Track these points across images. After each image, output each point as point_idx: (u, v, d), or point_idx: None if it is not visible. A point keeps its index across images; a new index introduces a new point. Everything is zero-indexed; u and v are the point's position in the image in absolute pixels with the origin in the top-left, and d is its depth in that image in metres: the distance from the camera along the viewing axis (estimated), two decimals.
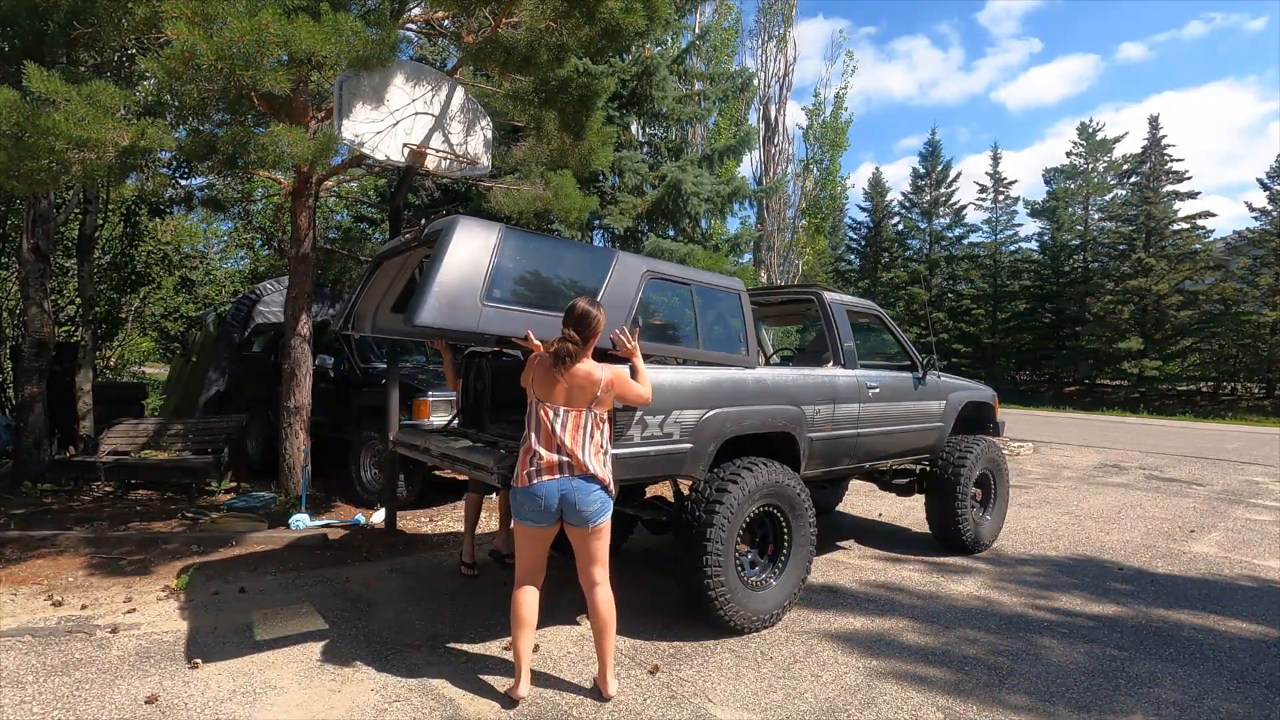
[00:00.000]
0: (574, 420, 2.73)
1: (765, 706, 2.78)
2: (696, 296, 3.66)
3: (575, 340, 2.70)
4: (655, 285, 3.51)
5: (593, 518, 2.74)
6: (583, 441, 2.73)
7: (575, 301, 2.78)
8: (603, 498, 2.74)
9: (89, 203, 8.28)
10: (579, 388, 2.71)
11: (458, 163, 5.33)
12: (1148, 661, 3.27)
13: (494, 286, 2.94)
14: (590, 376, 2.72)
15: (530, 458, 2.72)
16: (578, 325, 2.72)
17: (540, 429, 2.73)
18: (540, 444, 2.71)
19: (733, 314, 3.83)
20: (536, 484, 2.69)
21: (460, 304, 2.84)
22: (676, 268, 3.69)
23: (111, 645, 3.23)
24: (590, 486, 2.72)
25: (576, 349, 2.70)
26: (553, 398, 2.73)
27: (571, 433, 2.72)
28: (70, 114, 3.76)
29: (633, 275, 3.36)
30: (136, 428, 7.09)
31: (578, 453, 2.71)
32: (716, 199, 11.25)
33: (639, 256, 3.49)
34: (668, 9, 5.40)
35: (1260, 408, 20.94)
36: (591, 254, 3.60)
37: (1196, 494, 7.64)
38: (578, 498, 2.70)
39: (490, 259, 2.95)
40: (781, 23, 25.61)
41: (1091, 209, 26.91)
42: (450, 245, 2.89)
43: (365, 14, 5.16)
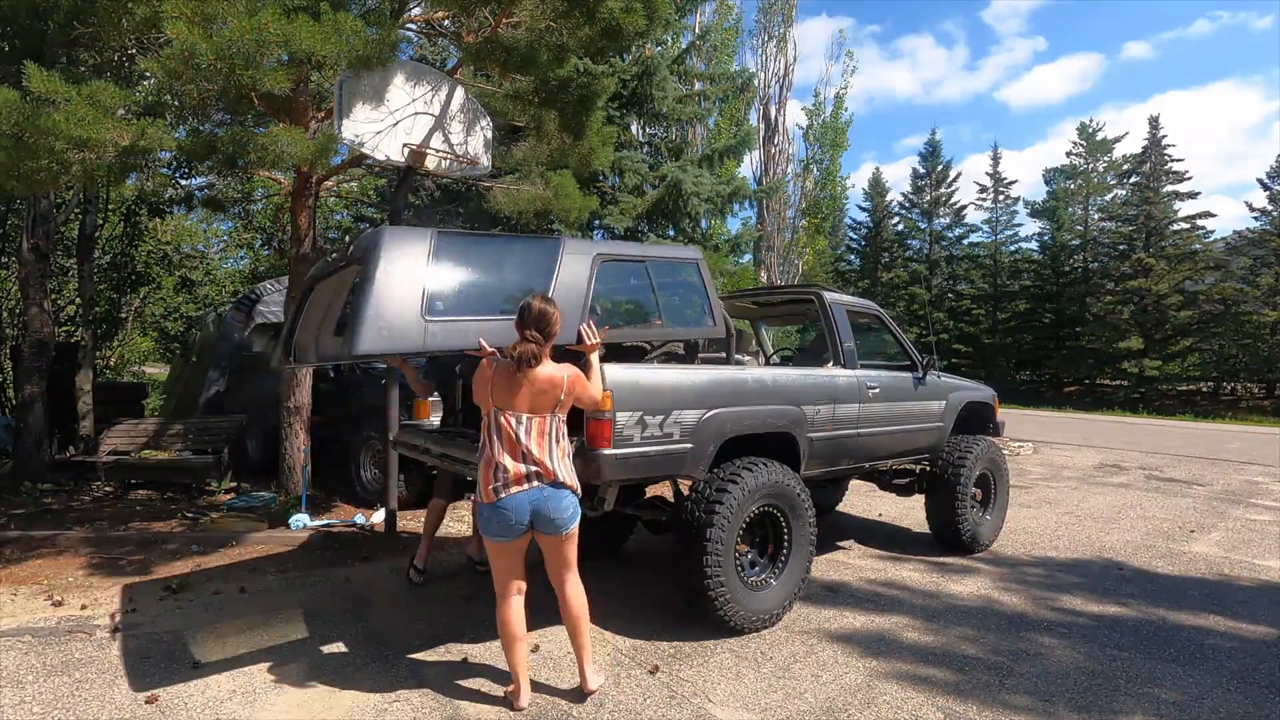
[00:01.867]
0: (539, 427, 2.63)
1: (765, 706, 2.78)
2: (653, 273, 3.50)
3: (538, 340, 2.59)
4: (609, 268, 3.34)
5: (566, 525, 2.67)
6: (549, 448, 2.64)
7: (529, 300, 2.64)
8: (574, 503, 2.68)
9: (89, 203, 8.28)
10: (542, 392, 2.60)
11: (458, 163, 5.33)
12: (1148, 661, 3.27)
13: (435, 299, 2.76)
14: (553, 379, 2.62)
15: (494, 471, 2.60)
16: (538, 324, 2.60)
17: (503, 439, 2.61)
18: (505, 455, 2.59)
19: (694, 285, 3.67)
20: (505, 498, 2.58)
21: (400, 325, 2.67)
22: (628, 246, 3.56)
23: (111, 645, 3.23)
24: (562, 493, 2.64)
25: (540, 350, 2.59)
26: (514, 405, 2.61)
27: (538, 440, 2.62)
28: (70, 114, 3.76)
29: (583, 262, 3.19)
30: (136, 428, 7.09)
31: (546, 460, 2.61)
32: (716, 199, 11.24)
33: (586, 241, 3.37)
34: (668, 9, 5.41)
35: (1260, 408, 20.93)
36: (536, 246, 3.40)
37: (1196, 494, 7.64)
38: (550, 507, 2.62)
39: (426, 270, 2.76)
40: (781, 23, 25.64)
41: (1091, 209, 26.89)
42: (379, 263, 2.68)
43: (365, 14, 5.15)
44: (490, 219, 9.96)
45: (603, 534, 4.73)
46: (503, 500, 2.58)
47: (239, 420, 7.32)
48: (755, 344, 6.11)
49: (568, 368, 2.68)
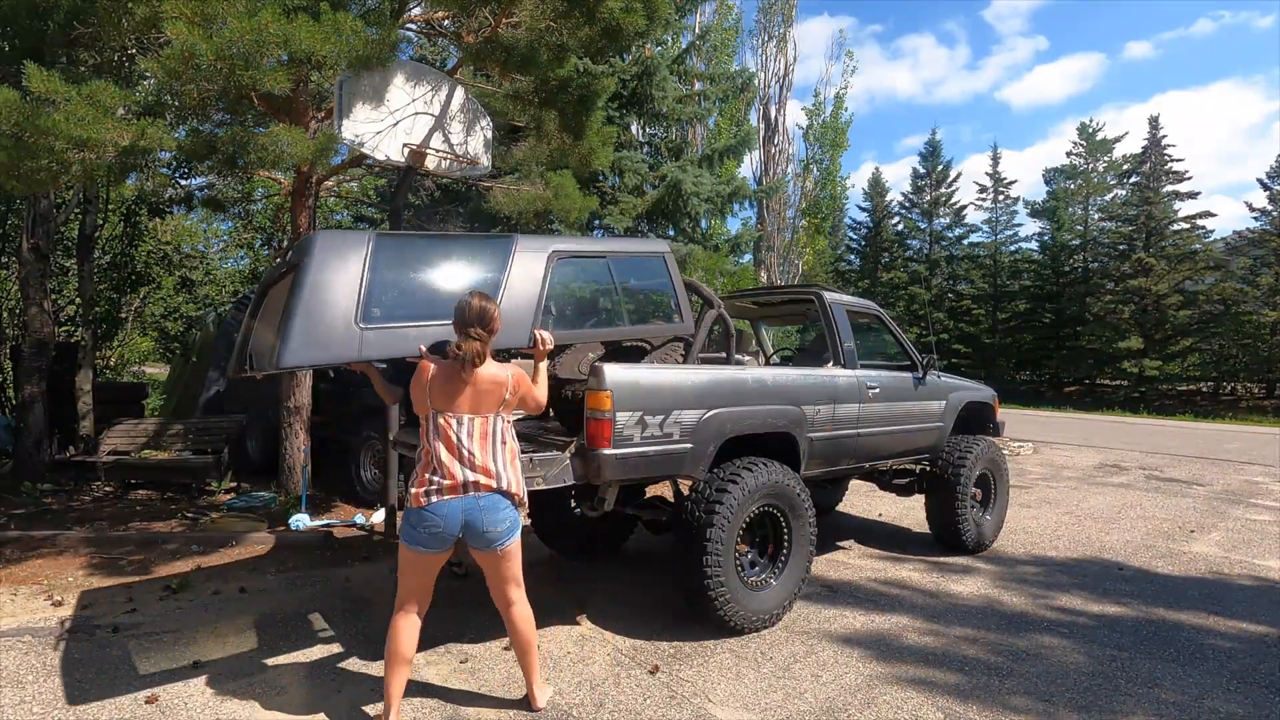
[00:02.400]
0: (481, 428, 2.49)
1: (765, 706, 2.78)
2: (615, 269, 3.36)
3: (484, 338, 2.46)
4: (566, 265, 3.21)
5: (500, 540, 2.50)
6: (493, 450, 2.51)
7: (468, 299, 2.49)
8: (512, 516, 2.52)
9: (89, 203, 8.28)
10: (486, 391, 2.48)
11: (458, 163, 5.33)
12: (1148, 662, 3.27)
13: (372, 305, 2.62)
14: (497, 379, 2.50)
15: (430, 475, 2.44)
16: (480, 321, 2.46)
17: (444, 442, 2.45)
18: (444, 459, 2.43)
19: (660, 281, 3.53)
20: (436, 503, 2.42)
21: (332, 334, 2.53)
22: (586, 241, 3.47)
23: (112, 645, 3.23)
24: (499, 504, 2.48)
25: (484, 347, 2.46)
26: (455, 406, 2.47)
27: (480, 442, 2.48)
28: (70, 114, 3.76)
29: (537, 259, 3.06)
30: (136, 428, 7.09)
31: (489, 464, 2.48)
32: (716, 199, 11.25)
33: (542, 237, 3.23)
34: (668, 9, 5.41)
35: (1260, 408, 20.92)
36: (486, 245, 3.27)
37: (1196, 494, 7.64)
38: (484, 519, 2.46)
39: (363, 275, 2.62)
40: (781, 23, 25.64)
41: (1091, 209, 26.89)
42: (309, 269, 2.55)
43: (365, 14, 5.16)
44: (490, 219, 9.97)
45: (603, 534, 4.74)
46: (433, 505, 2.42)
47: (239, 420, 7.32)
48: (755, 344, 6.11)
49: (511, 366, 2.59)
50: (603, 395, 3.05)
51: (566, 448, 3.11)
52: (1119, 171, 26.33)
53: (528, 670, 2.70)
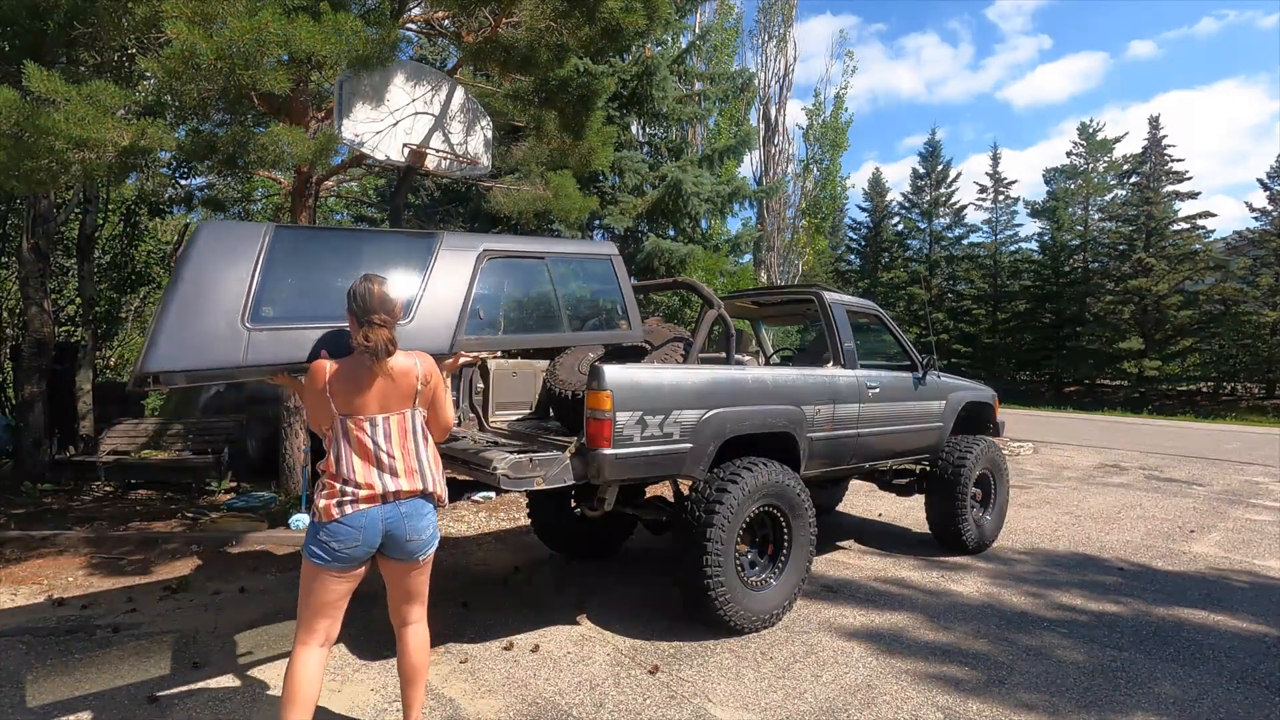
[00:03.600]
0: (399, 425, 2.23)
1: (765, 706, 2.78)
2: (556, 271, 3.16)
3: (391, 324, 2.19)
4: (498, 266, 3.00)
5: (423, 549, 2.27)
6: (415, 449, 2.25)
7: (366, 285, 2.19)
8: (434, 522, 2.30)
9: (89, 203, 8.28)
10: (397, 385, 2.22)
11: (458, 163, 5.34)
12: (1148, 661, 3.27)
13: (263, 304, 2.38)
14: (406, 369, 2.23)
15: (340, 484, 2.15)
16: (385, 307, 2.18)
17: (355, 447, 2.17)
18: (356, 466, 2.16)
19: (607, 284, 3.34)
20: (352, 514, 2.13)
21: (211, 336, 2.26)
22: (523, 240, 3.22)
23: (112, 645, 3.23)
24: (423, 509, 2.25)
25: (393, 334, 2.19)
26: (363, 407, 2.18)
27: (400, 442, 2.22)
28: (70, 114, 3.77)
29: (464, 259, 2.84)
30: (136, 428, 7.09)
31: (413, 465, 2.23)
32: (716, 199, 11.26)
33: (472, 235, 3.07)
34: (668, 9, 5.41)
35: (1260, 408, 20.92)
36: (406, 241, 3.03)
37: (1196, 494, 7.64)
38: (408, 527, 2.21)
39: (255, 271, 2.38)
40: (782, 23, 25.64)
41: (1091, 209, 26.88)
42: (187, 264, 2.32)
43: (365, 14, 5.16)
44: (490, 219, 9.98)
45: (603, 534, 4.74)
46: (349, 517, 2.13)
47: (239, 420, 7.32)
48: (755, 344, 6.11)
49: (419, 355, 2.31)
50: (603, 395, 3.05)
51: (566, 448, 3.11)
52: (1119, 171, 26.32)
53: (410, 705, 2.36)
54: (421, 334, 2.58)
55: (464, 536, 5.37)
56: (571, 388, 3.72)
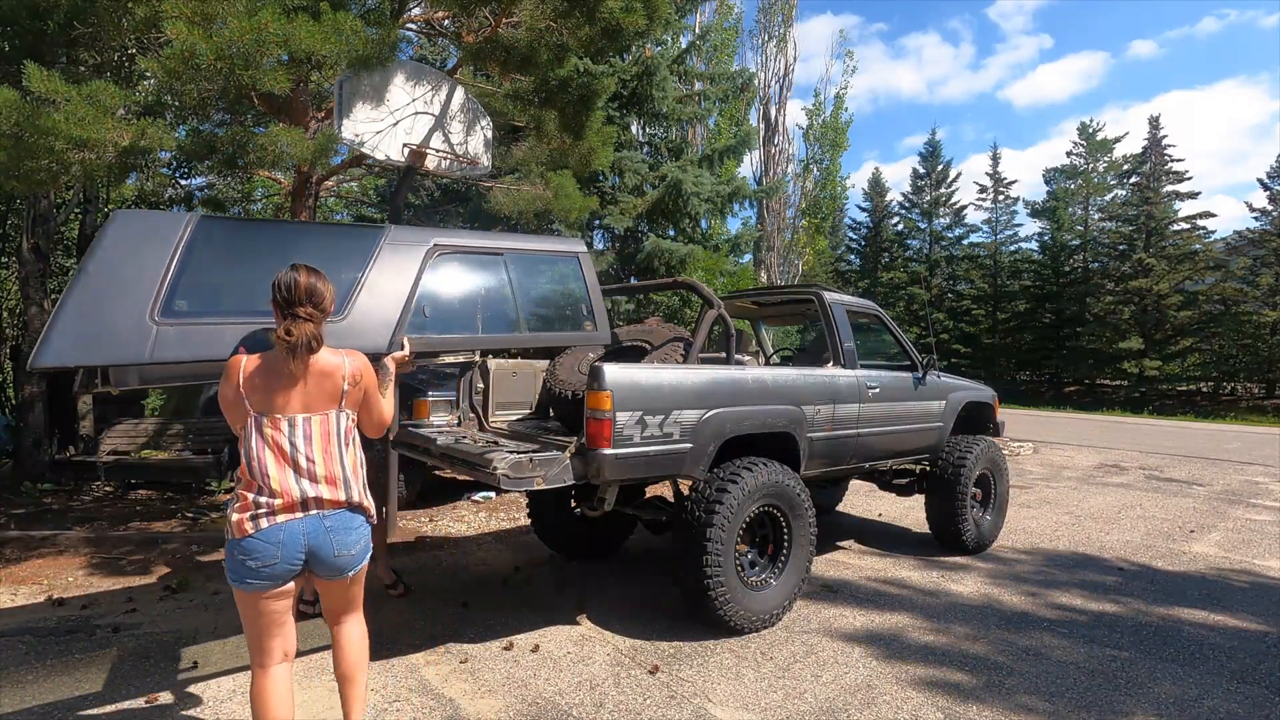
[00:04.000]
0: (321, 428, 2.04)
1: (765, 706, 2.78)
2: (515, 268, 3.02)
3: (317, 318, 2.02)
4: (451, 261, 2.86)
5: (354, 564, 2.10)
6: (339, 455, 2.06)
7: (292, 275, 2.02)
8: (366, 535, 2.13)
9: (89, 203, 8.29)
10: (320, 384, 2.04)
11: (458, 163, 5.34)
12: (1148, 661, 3.27)
13: (177, 297, 2.25)
14: (331, 366, 2.05)
15: (253, 495, 1.96)
16: (311, 298, 2.02)
17: (272, 451, 1.98)
18: (270, 470, 1.97)
19: (573, 283, 3.20)
20: (267, 529, 1.94)
21: (112, 329, 2.14)
22: (480, 236, 3.09)
23: (112, 645, 3.23)
24: (351, 522, 2.07)
25: (319, 330, 2.02)
26: (283, 406, 2.00)
27: (322, 445, 2.03)
28: (70, 114, 3.77)
29: (411, 254, 2.71)
30: (136, 428, 7.09)
31: (335, 471, 2.04)
32: (716, 199, 11.26)
33: (423, 229, 2.95)
34: (668, 9, 5.41)
35: (1260, 408, 20.92)
36: (346, 234, 2.92)
37: (1196, 494, 7.64)
38: (335, 541, 2.03)
39: (170, 262, 2.27)
40: (782, 23, 25.64)
41: (1091, 209, 26.89)
42: (95, 252, 2.20)
43: (365, 14, 5.16)
44: (490, 219, 9.97)
45: (603, 534, 4.74)
46: (264, 532, 1.94)
47: None
48: (755, 344, 6.11)
49: (351, 353, 2.14)
50: (603, 395, 3.05)
51: (566, 448, 3.11)
52: (1119, 171, 26.32)
53: (350, 706, 2.24)
54: (355, 331, 2.46)
55: (464, 536, 5.37)
56: (571, 388, 3.72)
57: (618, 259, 11.27)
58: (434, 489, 6.38)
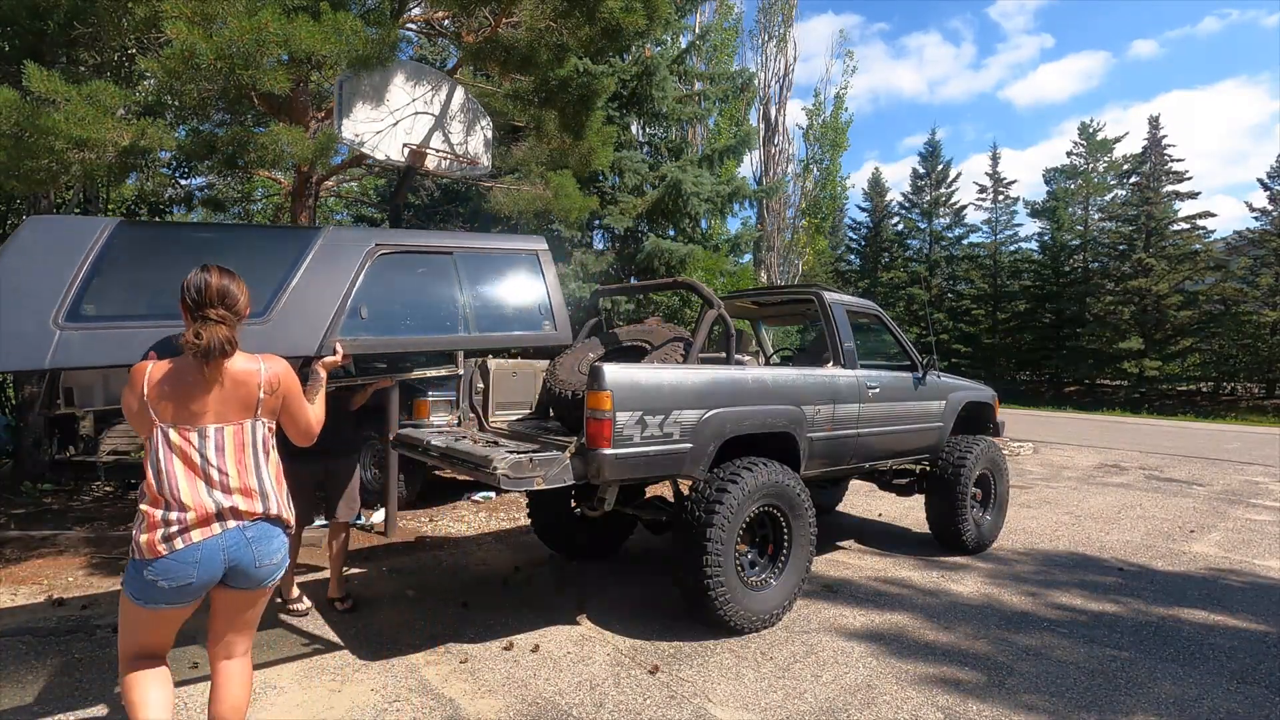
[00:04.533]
0: (235, 438, 1.92)
1: (765, 706, 2.78)
2: (464, 267, 2.92)
3: (230, 321, 1.90)
4: (394, 262, 2.75)
5: (274, 574, 1.99)
6: (254, 465, 1.95)
7: (203, 275, 1.91)
8: (285, 546, 2.02)
9: (89, 203, 8.29)
10: (234, 391, 1.93)
11: (458, 163, 5.34)
12: (1148, 661, 3.27)
13: (85, 302, 2.19)
14: (246, 373, 1.94)
15: (162, 511, 1.82)
16: (224, 300, 1.90)
17: (182, 464, 1.86)
18: (181, 484, 1.84)
19: (532, 282, 3.10)
20: (184, 549, 1.81)
21: (13, 335, 2.08)
22: (428, 235, 3.00)
23: (111, 645, 3.22)
24: (271, 533, 1.96)
25: (232, 334, 1.90)
26: (193, 415, 1.88)
27: (236, 456, 1.92)
28: (70, 114, 3.77)
29: (349, 254, 2.62)
30: None
31: (251, 482, 1.93)
32: (716, 199, 11.27)
33: (364, 229, 2.81)
34: (668, 9, 5.41)
35: (1260, 408, 20.92)
36: (277, 236, 2.82)
37: (1196, 494, 7.64)
38: (258, 553, 1.91)
39: (81, 266, 2.21)
40: (782, 23, 25.64)
41: (1091, 209, 26.90)
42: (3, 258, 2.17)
43: (365, 14, 5.16)
44: (490, 219, 9.98)
45: (603, 534, 4.74)
46: (179, 553, 1.81)
47: None
48: (755, 344, 6.11)
49: (269, 358, 2.02)
50: (603, 395, 3.05)
51: (566, 448, 3.11)
52: (1119, 171, 26.33)
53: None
54: (279, 334, 2.38)
55: (464, 536, 5.37)
56: (571, 388, 3.72)
57: (618, 259, 11.27)
58: (434, 489, 6.38)
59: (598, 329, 4.46)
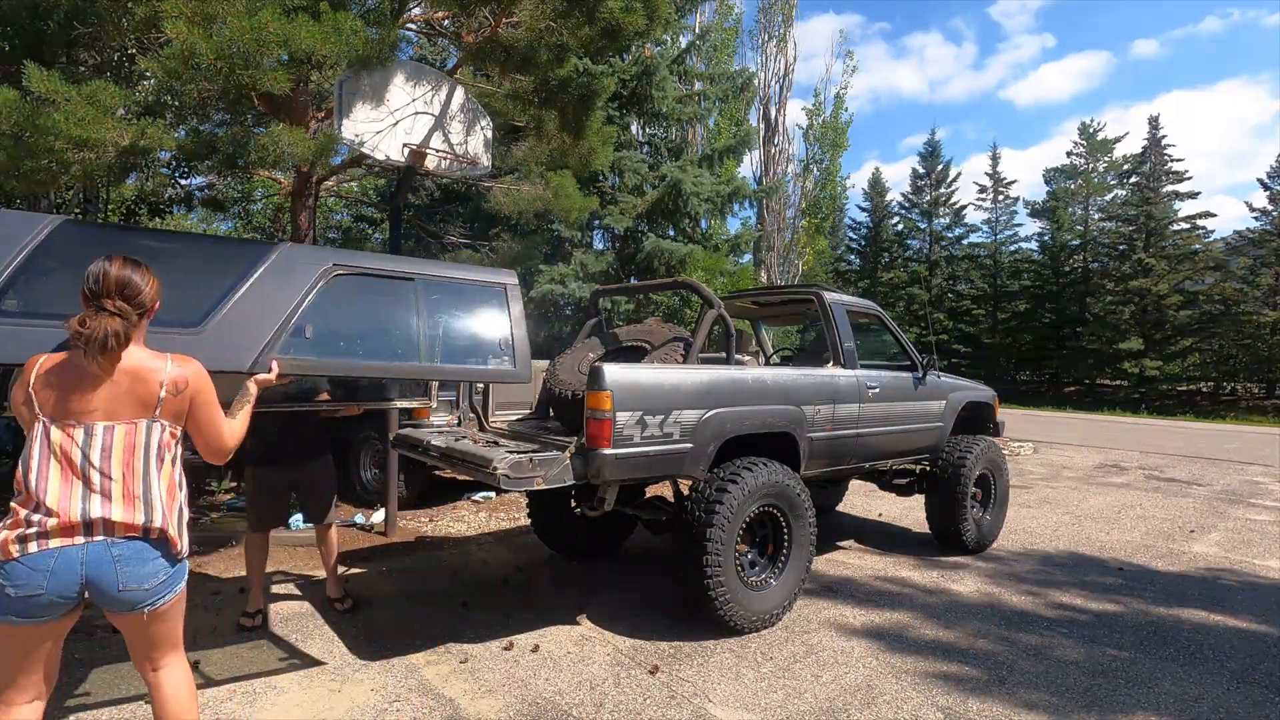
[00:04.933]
0: (125, 440, 1.74)
1: (765, 706, 2.78)
2: (425, 295, 2.87)
3: (125, 313, 1.74)
4: (351, 284, 2.68)
5: (146, 600, 1.75)
6: (143, 471, 1.75)
7: (102, 265, 1.79)
8: (167, 569, 1.78)
9: (89, 203, 8.29)
10: (129, 388, 1.76)
11: (458, 163, 5.34)
12: (1148, 661, 3.27)
13: (7, 296, 2.14)
14: (146, 370, 1.78)
15: (28, 513, 1.67)
16: (122, 291, 1.76)
17: (58, 463, 1.70)
18: (51, 485, 1.68)
19: (495, 315, 3.04)
20: (35, 554, 1.64)
21: None
22: (392, 260, 2.90)
23: (111, 645, 3.22)
24: (145, 554, 1.74)
25: (127, 327, 1.74)
26: (81, 411, 1.72)
27: (123, 460, 1.73)
28: (70, 114, 3.77)
29: (302, 272, 2.56)
30: None
31: (135, 489, 1.73)
32: (716, 199, 11.27)
33: (324, 250, 2.82)
34: (668, 9, 5.41)
35: (1260, 408, 20.93)
36: (229, 249, 2.77)
37: (1196, 494, 7.64)
38: (121, 574, 1.70)
39: (13, 260, 2.17)
40: (782, 23, 25.63)
41: (1091, 209, 26.91)
42: None
43: (365, 14, 5.15)
44: (490, 219, 9.98)
45: (603, 534, 4.74)
46: (30, 557, 1.64)
47: None
48: (755, 344, 6.11)
49: (182, 359, 1.87)
50: (603, 395, 3.05)
51: (566, 448, 3.11)
52: (1119, 171, 26.34)
53: None
54: (213, 347, 2.31)
55: (464, 536, 5.37)
56: (571, 388, 3.72)
57: (618, 259, 11.27)
58: (434, 489, 6.37)
59: (598, 329, 4.47)
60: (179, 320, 2.25)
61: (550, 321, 11.64)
